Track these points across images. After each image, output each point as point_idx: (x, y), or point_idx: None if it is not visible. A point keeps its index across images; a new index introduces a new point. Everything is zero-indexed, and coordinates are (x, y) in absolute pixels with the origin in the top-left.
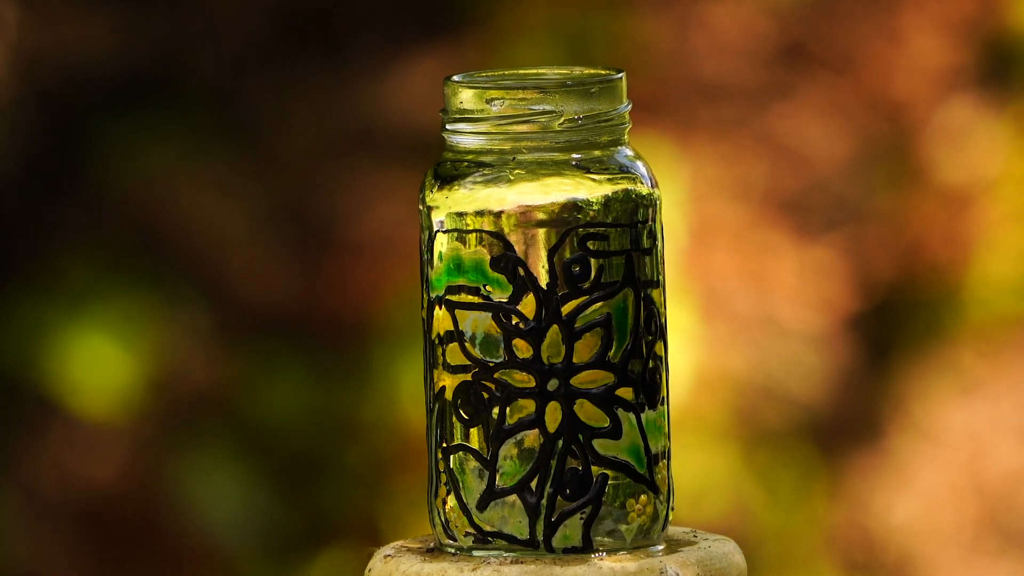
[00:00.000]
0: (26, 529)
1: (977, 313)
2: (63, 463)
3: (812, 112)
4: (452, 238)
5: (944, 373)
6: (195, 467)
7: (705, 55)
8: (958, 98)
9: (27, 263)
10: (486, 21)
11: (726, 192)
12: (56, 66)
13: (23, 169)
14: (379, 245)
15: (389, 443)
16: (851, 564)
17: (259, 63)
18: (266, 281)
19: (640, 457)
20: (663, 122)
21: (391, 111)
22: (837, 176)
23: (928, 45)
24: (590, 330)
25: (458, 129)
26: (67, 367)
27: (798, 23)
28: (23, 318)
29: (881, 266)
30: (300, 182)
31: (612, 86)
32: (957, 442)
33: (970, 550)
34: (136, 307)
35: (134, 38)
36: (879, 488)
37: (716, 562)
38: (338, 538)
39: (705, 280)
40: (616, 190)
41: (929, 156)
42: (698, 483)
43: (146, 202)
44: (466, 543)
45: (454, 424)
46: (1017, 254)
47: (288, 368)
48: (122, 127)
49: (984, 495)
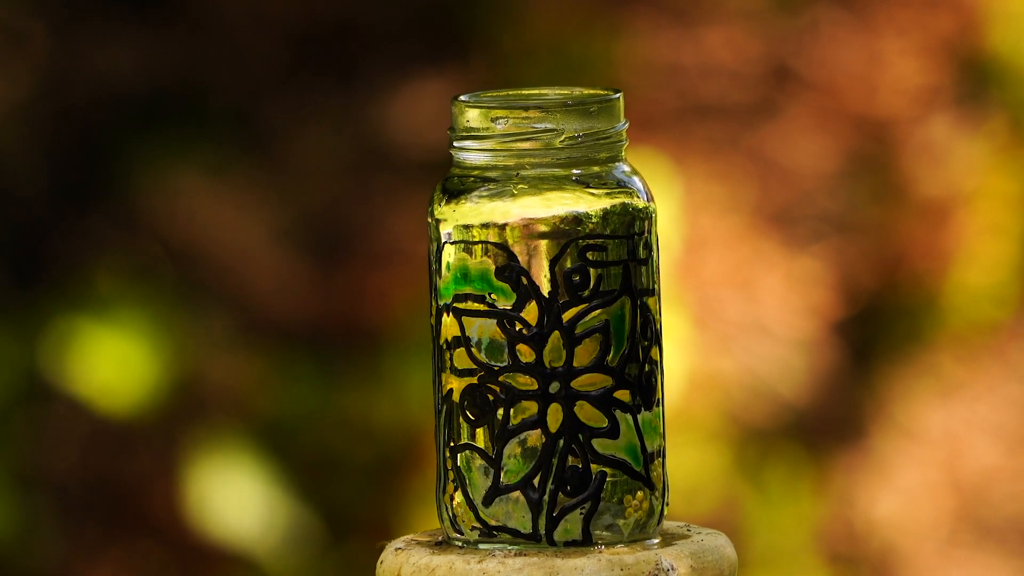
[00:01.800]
0: (57, 522)
1: (955, 320)
2: (91, 461)
3: (799, 130)
4: (459, 249)
5: (924, 376)
6: (216, 466)
7: (698, 76)
8: (937, 117)
9: (58, 272)
10: (491, 45)
11: (718, 205)
12: (85, 86)
13: (54, 183)
14: (390, 256)
15: (400, 442)
16: (835, 556)
17: (278, 85)
18: (283, 289)
19: (637, 456)
20: (658, 139)
21: (402, 129)
22: (823, 190)
23: (909, 67)
24: (589, 336)
25: (465, 146)
26: (96, 370)
27: (786, 46)
28: (54, 324)
29: (864, 275)
30: (316, 196)
31: (610, 105)
32: (936, 441)
33: (948, 543)
34: (160, 314)
35: (159, 60)
36: (862, 484)
37: (708, 555)
38: (351, 532)
39: (698, 288)
40: (614, 204)
41: (910, 172)
42: (691, 480)
43: (170, 215)
44: (472, 537)
45: (461, 424)
46: (993, 264)
47: (304, 371)
48: (148, 144)
49: (961, 491)
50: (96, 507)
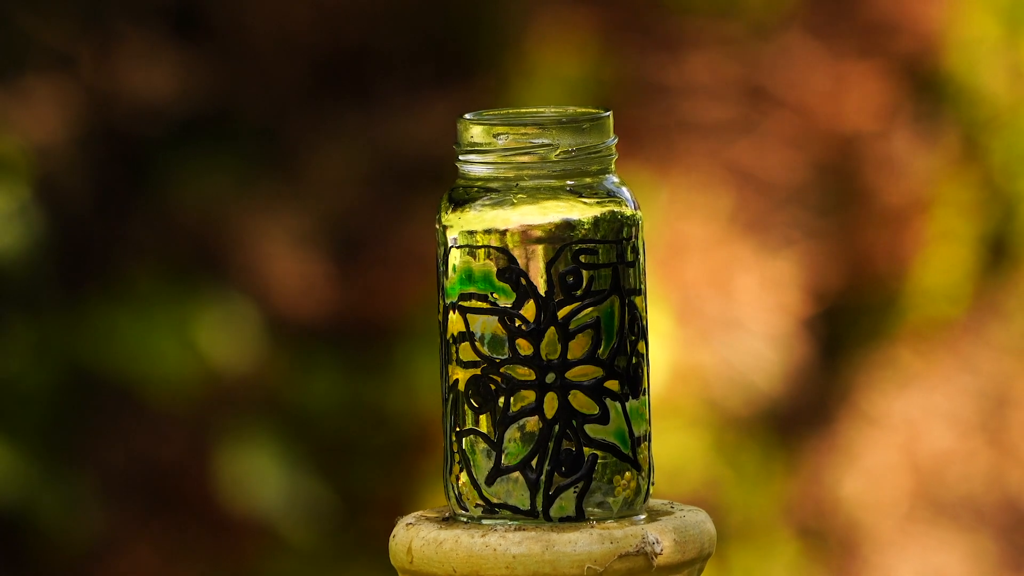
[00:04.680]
0: (101, 502)
1: (913, 317)
2: (132, 445)
3: (772, 145)
4: (464, 253)
5: (885, 368)
6: (244, 449)
7: (681, 96)
8: (897, 133)
9: (101, 274)
10: (493, 68)
11: (698, 213)
12: (127, 105)
13: (98, 194)
14: (402, 258)
15: (410, 428)
16: (805, 530)
17: (301, 104)
18: (305, 289)
19: (625, 440)
20: (644, 153)
21: (412, 144)
22: (793, 200)
23: (871, 88)
24: (582, 331)
25: (469, 160)
26: (136, 362)
27: (760, 69)
28: (99, 321)
29: (831, 276)
30: (335, 204)
31: (601, 123)
32: (895, 427)
33: (906, 519)
34: (195, 311)
35: (194, 82)
36: (829, 466)
37: (690, 529)
38: (366, 509)
39: (680, 288)
40: (604, 212)
41: (872, 182)
42: (675, 462)
43: (203, 222)
44: (476, 513)
45: (466, 411)
46: (947, 266)
47: (324, 364)
48: (183, 158)
49: (919, 472)
50: (136, 486)
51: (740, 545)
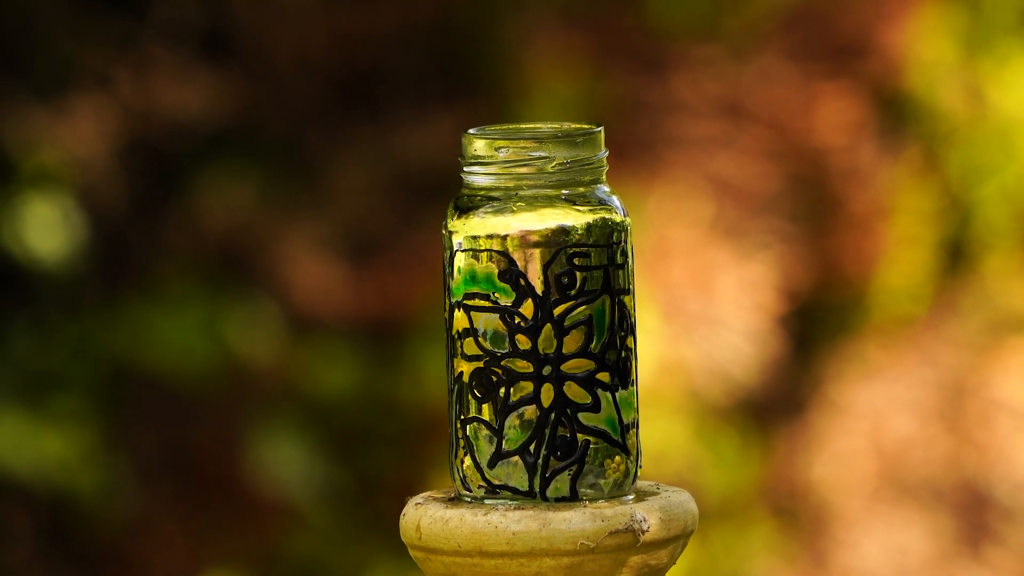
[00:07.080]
0: (136, 484)
1: (878, 314)
2: (165, 432)
3: (749, 157)
4: (468, 256)
5: (852, 361)
6: (267, 435)
7: (665, 113)
8: (863, 146)
9: (137, 276)
10: (495, 87)
11: (682, 220)
12: (160, 121)
13: (134, 202)
14: (412, 261)
15: (419, 416)
16: (779, 510)
17: (318, 120)
18: (323, 289)
19: (615, 427)
20: (633, 165)
21: (421, 157)
22: (768, 208)
23: (840, 105)
24: (576, 328)
25: (473, 171)
26: (169, 356)
27: (739, 88)
28: (134, 317)
29: (803, 278)
30: (350, 211)
31: (593, 137)
32: (862, 415)
33: (872, 499)
34: (221, 308)
35: (221, 99)
36: (801, 451)
37: (674, 508)
38: (379, 490)
39: (665, 289)
40: (596, 218)
41: (841, 192)
42: (660, 447)
43: (230, 228)
44: (479, 494)
45: (470, 401)
46: (910, 269)
47: (341, 357)
48: (211, 169)
49: (883, 456)
50: (169, 469)
51: (720, 523)
